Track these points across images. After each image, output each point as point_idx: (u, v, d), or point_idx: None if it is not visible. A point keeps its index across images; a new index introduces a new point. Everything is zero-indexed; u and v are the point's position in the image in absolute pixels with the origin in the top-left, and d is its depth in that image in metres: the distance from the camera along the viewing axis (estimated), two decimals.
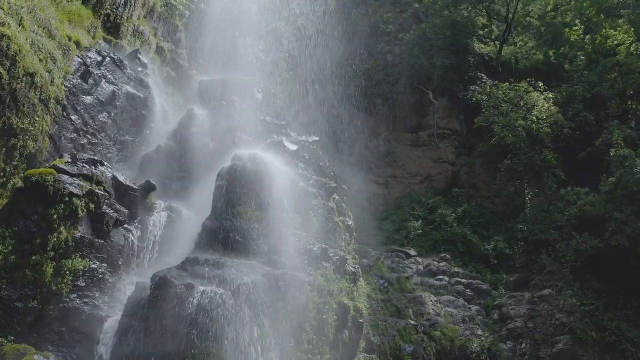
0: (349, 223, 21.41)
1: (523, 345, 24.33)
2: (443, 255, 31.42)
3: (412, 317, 24.54)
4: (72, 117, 18.78)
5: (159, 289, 13.88)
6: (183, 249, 16.96)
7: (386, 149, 40.52)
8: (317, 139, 22.44)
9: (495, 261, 30.97)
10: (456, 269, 30.05)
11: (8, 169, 16.13)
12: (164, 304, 13.69)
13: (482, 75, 39.28)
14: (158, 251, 17.67)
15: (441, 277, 29.11)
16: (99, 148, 19.60)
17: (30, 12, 17.80)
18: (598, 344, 23.89)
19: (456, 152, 40.20)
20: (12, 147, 16.23)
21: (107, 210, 16.22)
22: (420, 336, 23.22)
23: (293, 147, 19.32)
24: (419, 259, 31.25)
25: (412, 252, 31.79)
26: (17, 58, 16.17)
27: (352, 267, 19.57)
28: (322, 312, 16.44)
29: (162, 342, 13.55)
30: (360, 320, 18.31)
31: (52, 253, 14.82)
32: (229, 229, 15.93)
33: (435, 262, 30.51)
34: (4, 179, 16.02)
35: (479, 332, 24.79)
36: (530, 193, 33.27)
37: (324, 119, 37.40)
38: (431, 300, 26.28)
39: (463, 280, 28.99)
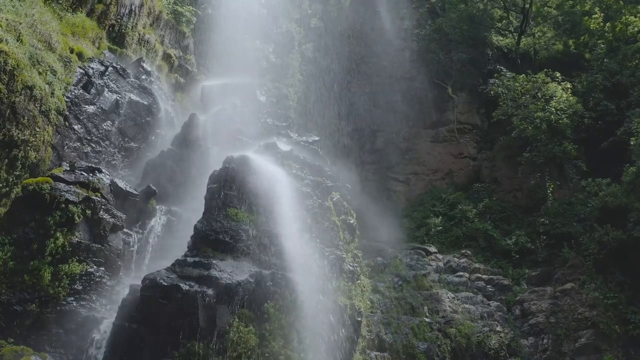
0: (351, 222, 21.32)
1: (545, 340, 23.95)
2: (464, 251, 31.04)
3: (427, 314, 24.32)
4: (75, 127, 19.35)
5: (148, 290, 14.21)
6: (182, 252, 17.19)
7: (406, 146, 40.17)
8: (317, 139, 22.45)
9: (517, 256, 30.40)
10: (477, 265, 29.66)
11: (10, 179, 16.69)
12: (153, 305, 14.01)
13: (502, 68, 38.47)
14: (158, 254, 18.11)
15: (461, 273, 28.80)
16: (103, 156, 20.12)
17: (31, 27, 18.40)
18: (622, 337, 23.25)
19: (477, 147, 39.54)
20: (14, 157, 16.79)
21: (104, 216, 16.67)
22: (434, 334, 23.01)
23: (286, 148, 19.39)
24: (439, 256, 30.92)
25: (433, 249, 31.45)
26: (15, 72, 16.73)
27: (351, 266, 19.52)
28: (315, 311, 16.45)
29: (152, 342, 13.88)
30: (358, 319, 18.22)
31: (49, 258, 15.41)
32: (219, 230, 16.12)
33: (455, 259, 30.15)
34: (7, 188, 16.58)
35: (498, 328, 24.44)
36: (552, 186, 32.57)
37: (342, 118, 37.45)
38: (448, 297, 26.00)
39: (484, 276, 28.60)
